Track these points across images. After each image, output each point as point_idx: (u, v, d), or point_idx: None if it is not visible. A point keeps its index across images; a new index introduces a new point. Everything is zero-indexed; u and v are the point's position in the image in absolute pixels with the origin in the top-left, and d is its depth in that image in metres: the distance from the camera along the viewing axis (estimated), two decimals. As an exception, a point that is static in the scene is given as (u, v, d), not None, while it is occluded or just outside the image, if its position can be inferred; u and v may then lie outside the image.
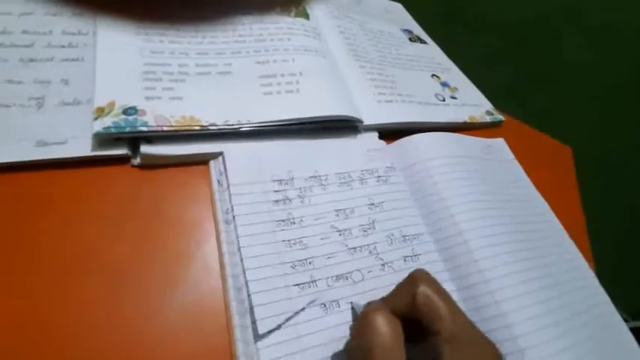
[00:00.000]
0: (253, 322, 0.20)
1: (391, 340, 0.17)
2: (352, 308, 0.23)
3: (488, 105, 0.42)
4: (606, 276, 0.33)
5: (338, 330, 0.22)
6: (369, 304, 0.21)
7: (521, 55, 0.98)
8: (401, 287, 0.20)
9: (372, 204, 0.28)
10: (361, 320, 0.18)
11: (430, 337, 0.18)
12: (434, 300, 0.18)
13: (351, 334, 0.22)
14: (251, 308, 0.20)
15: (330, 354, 0.21)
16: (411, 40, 0.47)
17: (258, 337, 0.20)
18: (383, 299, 0.21)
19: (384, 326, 0.17)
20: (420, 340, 0.18)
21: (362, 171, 0.29)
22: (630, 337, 0.29)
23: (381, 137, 0.33)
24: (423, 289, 0.18)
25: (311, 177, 0.27)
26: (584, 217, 0.37)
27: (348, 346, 0.21)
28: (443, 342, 0.17)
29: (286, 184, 0.26)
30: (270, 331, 0.20)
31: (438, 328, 0.17)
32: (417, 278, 0.19)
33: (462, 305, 0.20)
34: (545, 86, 0.96)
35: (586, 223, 0.36)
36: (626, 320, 0.30)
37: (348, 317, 0.22)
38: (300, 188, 0.26)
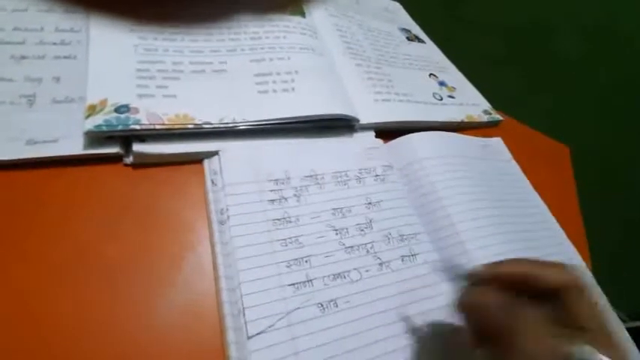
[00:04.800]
0: (246, 323, 0.20)
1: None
2: (450, 271, 0.21)
3: (485, 104, 0.42)
4: (603, 276, 0.33)
5: (337, 331, 0.21)
6: (475, 274, 0.20)
7: (519, 56, 0.98)
8: (547, 264, 0.18)
9: (370, 203, 0.27)
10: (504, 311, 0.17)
11: (566, 329, 0.16)
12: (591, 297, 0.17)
13: (461, 303, 0.19)
14: (243, 310, 0.20)
15: (330, 355, 0.20)
16: (409, 39, 0.47)
17: (250, 339, 0.19)
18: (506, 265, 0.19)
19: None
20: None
21: (359, 170, 0.29)
22: (628, 339, 0.29)
23: (377, 136, 0.32)
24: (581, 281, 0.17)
25: (307, 176, 0.27)
26: (582, 217, 0.36)
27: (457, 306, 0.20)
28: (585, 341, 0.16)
29: (282, 183, 0.26)
30: (261, 333, 0.20)
31: (588, 326, 0.16)
32: (569, 268, 0.18)
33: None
34: (543, 86, 0.96)
35: (583, 223, 0.36)
36: (623, 320, 0.30)
37: (346, 317, 0.22)
38: (296, 187, 0.26)
